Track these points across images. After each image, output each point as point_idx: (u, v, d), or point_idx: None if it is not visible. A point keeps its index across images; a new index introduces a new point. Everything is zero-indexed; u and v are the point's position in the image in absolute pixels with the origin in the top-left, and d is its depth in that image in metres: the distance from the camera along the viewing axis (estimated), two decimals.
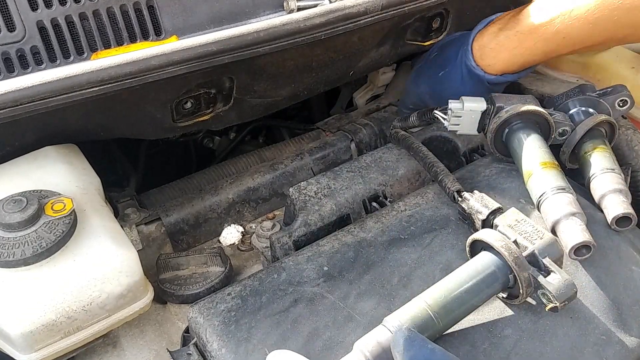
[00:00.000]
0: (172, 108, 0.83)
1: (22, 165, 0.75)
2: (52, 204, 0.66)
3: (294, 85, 0.96)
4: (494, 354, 0.64)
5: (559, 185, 0.77)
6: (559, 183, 0.78)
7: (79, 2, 0.78)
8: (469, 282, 0.63)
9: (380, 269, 0.74)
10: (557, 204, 0.75)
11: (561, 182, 0.78)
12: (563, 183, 0.78)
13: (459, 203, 0.79)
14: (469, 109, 0.89)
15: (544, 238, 0.66)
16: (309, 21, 0.77)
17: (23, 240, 0.63)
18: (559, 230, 0.74)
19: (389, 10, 0.84)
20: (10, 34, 0.76)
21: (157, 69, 0.69)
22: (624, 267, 0.75)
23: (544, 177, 0.79)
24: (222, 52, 0.72)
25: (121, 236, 0.70)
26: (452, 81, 1.00)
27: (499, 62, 0.93)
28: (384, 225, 0.80)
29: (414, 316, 0.60)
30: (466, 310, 0.63)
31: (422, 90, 1.09)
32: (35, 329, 0.60)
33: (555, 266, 0.64)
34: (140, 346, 0.76)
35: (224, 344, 0.65)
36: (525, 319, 0.68)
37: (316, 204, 0.86)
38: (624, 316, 0.70)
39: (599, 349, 0.67)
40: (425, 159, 0.89)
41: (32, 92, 0.64)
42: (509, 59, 0.92)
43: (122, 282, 0.65)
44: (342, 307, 0.69)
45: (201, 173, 1.07)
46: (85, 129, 0.80)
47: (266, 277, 0.73)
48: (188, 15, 0.85)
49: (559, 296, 0.61)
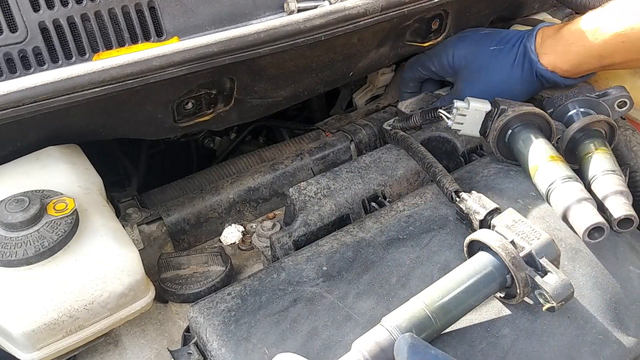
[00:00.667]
0: (173, 108, 0.83)
1: (25, 165, 0.75)
2: (54, 204, 0.67)
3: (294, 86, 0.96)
4: (491, 353, 0.65)
5: (567, 175, 0.79)
6: (567, 172, 0.79)
7: (80, 3, 0.78)
8: (466, 282, 0.64)
9: (379, 269, 0.74)
10: (566, 191, 0.77)
11: (569, 172, 0.80)
12: (570, 173, 0.79)
13: (457, 203, 0.79)
14: (474, 109, 0.90)
15: (541, 238, 0.66)
16: (309, 22, 0.77)
17: (25, 240, 0.63)
18: (570, 216, 0.75)
19: (389, 11, 0.84)
20: (13, 34, 0.76)
21: (159, 69, 0.69)
22: (622, 267, 0.75)
23: (551, 169, 0.80)
24: (223, 53, 0.72)
25: (123, 236, 0.70)
26: (504, 59, 0.98)
27: (554, 54, 0.92)
28: (383, 226, 0.81)
29: (412, 316, 0.60)
30: (464, 310, 0.64)
31: (453, 59, 1.05)
32: (38, 328, 0.61)
33: (552, 266, 0.64)
34: (142, 345, 0.76)
35: (224, 343, 0.66)
36: (522, 318, 0.68)
37: (316, 204, 0.86)
38: (622, 316, 0.70)
39: (596, 349, 0.67)
40: (424, 159, 0.90)
41: (35, 92, 0.64)
42: (564, 53, 0.91)
43: (124, 281, 0.66)
44: (341, 307, 0.69)
45: (202, 173, 1.07)
46: (87, 129, 0.80)
47: (266, 277, 0.74)
48: (189, 17, 0.85)
49: (556, 296, 0.62)
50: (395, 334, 0.59)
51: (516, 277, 0.63)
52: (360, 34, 0.88)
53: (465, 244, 0.71)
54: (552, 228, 0.78)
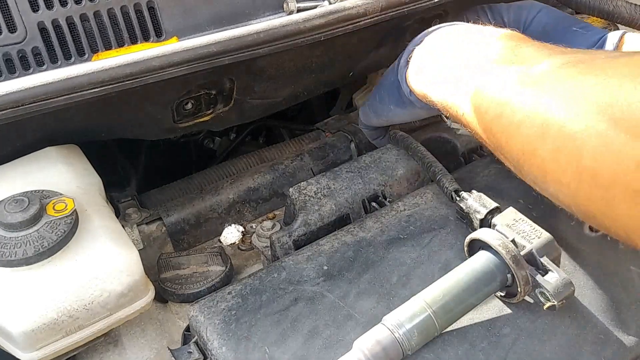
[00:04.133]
0: (172, 109, 0.83)
1: (24, 165, 0.75)
2: (53, 204, 0.67)
3: (294, 86, 0.97)
4: (492, 352, 0.65)
5: None
6: None
7: (79, 3, 0.78)
8: (467, 281, 0.64)
9: (379, 268, 0.74)
10: None
11: None
12: None
13: (457, 202, 0.79)
14: None
15: (541, 237, 0.66)
16: (309, 22, 0.77)
17: (25, 240, 0.63)
18: None
19: (389, 11, 0.84)
20: (12, 35, 0.76)
21: (158, 70, 0.69)
22: (623, 266, 0.75)
23: None
24: (223, 53, 0.72)
25: (122, 236, 0.70)
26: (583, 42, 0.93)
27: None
28: (383, 225, 0.81)
29: (413, 315, 0.60)
30: (465, 309, 0.64)
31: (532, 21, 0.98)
32: (37, 328, 0.61)
33: (553, 265, 0.64)
34: (141, 345, 0.76)
35: (225, 342, 0.66)
36: (523, 317, 0.68)
37: (316, 204, 0.86)
38: (623, 315, 0.70)
39: (597, 348, 0.67)
40: (424, 159, 0.90)
41: (34, 93, 0.64)
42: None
43: (124, 282, 0.66)
44: (342, 306, 0.69)
45: (202, 173, 1.07)
46: (86, 130, 0.80)
47: (266, 276, 0.74)
48: (188, 17, 0.85)
49: (557, 295, 0.62)
50: (396, 333, 0.59)
51: (517, 275, 0.63)
52: (360, 34, 0.88)
53: (465, 243, 0.71)
54: (553, 228, 0.78)
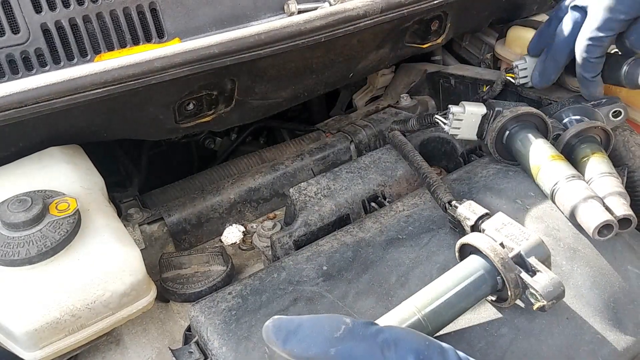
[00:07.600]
0: (174, 109, 0.84)
1: (27, 165, 0.76)
2: (56, 204, 0.67)
3: (295, 87, 0.97)
4: (490, 352, 0.65)
5: (571, 174, 0.79)
6: (571, 172, 0.80)
7: (82, 5, 0.79)
8: (457, 285, 0.63)
9: (378, 269, 0.74)
10: (572, 190, 0.77)
11: (572, 171, 0.80)
12: (574, 171, 0.80)
13: (449, 212, 0.79)
14: (470, 113, 0.90)
15: (529, 239, 0.66)
16: (310, 24, 0.78)
17: (28, 240, 0.64)
18: (578, 214, 0.75)
19: (388, 13, 0.85)
20: (15, 36, 0.77)
21: (160, 71, 0.70)
22: (619, 266, 0.76)
23: (554, 168, 0.81)
24: (224, 54, 0.73)
25: (124, 235, 0.71)
26: None
27: None
28: (382, 226, 0.81)
29: (403, 320, 0.60)
30: (455, 314, 0.64)
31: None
32: (40, 327, 0.61)
33: (542, 266, 0.64)
34: (143, 344, 0.76)
35: (225, 342, 0.66)
36: (521, 318, 0.68)
37: (316, 204, 0.87)
38: (619, 315, 0.71)
39: (594, 348, 0.67)
40: (420, 170, 0.89)
41: (37, 93, 0.65)
42: None
43: (126, 281, 0.66)
44: (341, 306, 0.70)
45: (203, 173, 1.08)
46: (88, 130, 0.80)
47: (266, 277, 0.74)
48: (190, 18, 0.86)
49: (546, 295, 0.62)
50: None
51: (506, 277, 0.63)
52: (360, 35, 0.89)
53: (456, 249, 0.71)
54: (551, 228, 0.78)
